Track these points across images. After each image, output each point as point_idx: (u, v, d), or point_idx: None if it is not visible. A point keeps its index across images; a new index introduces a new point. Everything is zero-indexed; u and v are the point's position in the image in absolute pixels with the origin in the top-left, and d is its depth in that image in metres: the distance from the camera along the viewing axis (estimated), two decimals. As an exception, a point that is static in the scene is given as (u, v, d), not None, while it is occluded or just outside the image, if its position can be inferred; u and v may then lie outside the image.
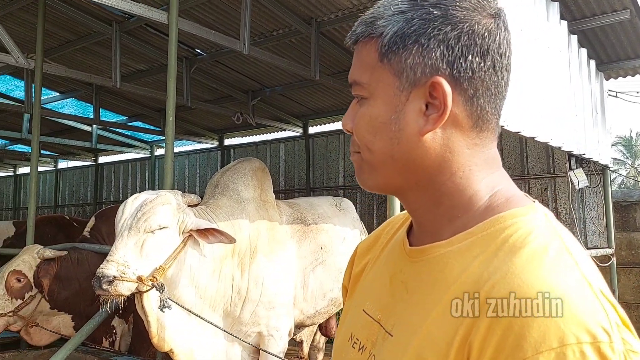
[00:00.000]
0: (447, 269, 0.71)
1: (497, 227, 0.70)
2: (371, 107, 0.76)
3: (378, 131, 0.76)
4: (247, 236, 3.51)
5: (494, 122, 0.77)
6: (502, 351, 0.59)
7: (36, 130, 5.38)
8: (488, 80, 0.74)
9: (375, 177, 0.79)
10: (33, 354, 4.60)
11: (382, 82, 0.75)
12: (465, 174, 0.75)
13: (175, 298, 3.14)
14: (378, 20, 0.75)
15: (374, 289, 0.86)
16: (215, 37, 4.73)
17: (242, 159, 3.94)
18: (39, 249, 4.22)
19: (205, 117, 9.38)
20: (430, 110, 0.73)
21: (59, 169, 13.75)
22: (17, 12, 6.24)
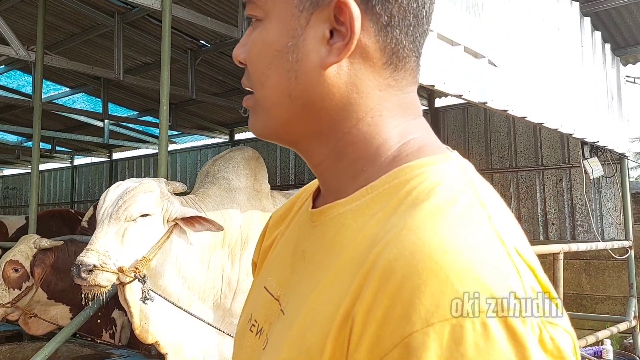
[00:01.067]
0: (343, 231, 0.58)
1: (402, 179, 0.56)
2: (265, 30, 0.61)
3: (273, 61, 0.61)
4: (237, 226, 3.40)
5: (413, 61, 0.63)
6: (388, 324, 0.46)
7: (37, 122, 5.34)
8: (406, 5, 0.59)
9: (270, 121, 0.64)
10: (31, 346, 4.57)
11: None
12: (375, 120, 0.61)
13: (161, 289, 3.05)
14: None
15: (277, 262, 0.72)
16: (212, 25, 4.63)
17: (235, 148, 3.83)
18: (35, 239, 4.19)
19: (216, 112, 9.31)
20: (335, 39, 0.59)
21: (75, 166, 13.88)
22: (20, 5, 6.24)
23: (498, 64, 3.60)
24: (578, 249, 4.69)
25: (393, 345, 0.45)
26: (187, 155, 11.07)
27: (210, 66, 7.29)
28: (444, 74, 3.16)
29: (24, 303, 4.15)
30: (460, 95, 3.31)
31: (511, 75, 3.70)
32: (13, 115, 10.41)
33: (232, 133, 10.23)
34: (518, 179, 6.70)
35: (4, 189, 16.02)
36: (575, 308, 6.37)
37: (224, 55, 6.93)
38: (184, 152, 11.13)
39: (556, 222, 6.38)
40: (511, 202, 6.68)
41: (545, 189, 6.48)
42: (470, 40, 3.32)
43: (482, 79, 3.46)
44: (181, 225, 2.98)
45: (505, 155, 6.82)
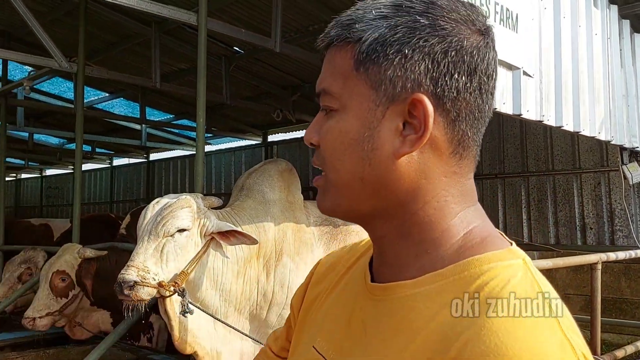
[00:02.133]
0: (413, 314, 0.62)
1: (472, 272, 0.61)
2: (342, 120, 0.67)
3: (348, 148, 0.67)
4: (272, 238, 3.47)
5: (474, 150, 0.69)
6: None
7: (79, 130, 5.55)
8: (473, 102, 0.66)
9: (339, 200, 0.70)
10: (76, 350, 4.77)
11: (356, 93, 0.67)
12: (440, 204, 0.67)
13: (199, 301, 3.15)
14: (357, 23, 0.66)
15: (328, 324, 0.77)
16: (246, 36, 4.71)
17: (268, 160, 3.90)
18: (79, 249, 4.36)
19: (249, 114, 9.44)
20: (407, 130, 0.65)
21: (113, 166, 14.28)
22: (63, 18, 6.47)
23: (533, 74, 3.56)
24: (617, 258, 4.59)
25: None
26: (222, 157, 11.26)
27: (244, 71, 7.40)
28: (478, 88, 3.16)
29: (70, 311, 4.34)
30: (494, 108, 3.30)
31: (546, 85, 3.66)
32: (55, 119, 10.80)
33: (265, 135, 10.36)
34: (555, 182, 6.59)
35: (46, 189, 16.61)
36: (615, 313, 6.24)
37: (257, 60, 7.03)
38: (219, 153, 11.33)
39: (594, 227, 6.25)
40: (548, 205, 6.58)
41: (583, 193, 6.36)
42: (504, 52, 3.29)
43: (517, 90, 3.43)
44: (217, 239, 3.07)
45: (541, 158, 6.71)
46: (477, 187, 3.04)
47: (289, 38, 5.93)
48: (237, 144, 11.26)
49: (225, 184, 10.99)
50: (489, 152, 7.11)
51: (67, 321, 4.35)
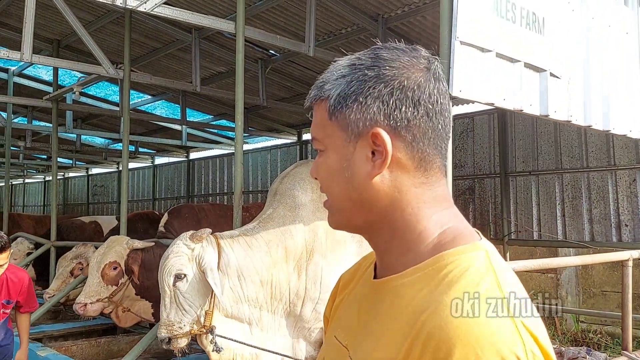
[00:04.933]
0: (399, 300, 0.81)
1: (441, 264, 0.78)
2: (327, 157, 0.87)
3: (334, 178, 0.86)
4: (301, 240, 3.65)
5: (438, 162, 0.86)
6: None
7: (126, 132, 5.88)
8: (424, 126, 0.82)
9: (340, 217, 0.90)
10: (125, 339, 5.10)
11: (332, 136, 0.86)
12: (414, 210, 0.84)
13: (232, 316, 3.42)
14: (326, 84, 0.86)
15: (345, 318, 0.97)
16: (280, 42, 4.92)
17: (300, 162, 4.06)
18: (128, 240, 4.68)
19: (284, 114, 9.68)
20: (376, 157, 0.82)
21: (155, 165, 14.80)
22: (109, 25, 6.83)
23: (560, 76, 3.63)
24: (648, 255, 4.59)
25: None
26: (258, 155, 11.55)
27: (279, 73, 7.62)
28: (503, 91, 3.26)
29: (118, 298, 4.66)
30: (520, 110, 3.40)
31: (575, 85, 3.71)
32: (101, 121, 11.32)
33: (300, 134, 10.58)
34: (589, 179, 6.56)
35: (92, 187, 17.33)
36: (652, 311, 6.19)
37: (292, 63, 7.24)
38: (255, 152, 11.62)
39: (629, 224, 6.21)
40: (582, 202, 6.56)
41: (618, 190, 6.32)
42: (530, 55, 3.38)
43: (544, 91, 3.51)
44: (209, 276, 3.24)
45: (575, 155, 6.69)
46: (510, 183, 3.23)
47: (322, 41, 6.10)
48: (272, 142, 11.53)
49: (261, 182, 11.28)
50: (522, 150, 7.13)
51: (114, 308, 4.65)
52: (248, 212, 5.47)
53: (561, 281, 7.73)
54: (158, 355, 4.55)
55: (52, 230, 7.00)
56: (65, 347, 4.80)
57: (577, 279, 7.60)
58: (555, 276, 7.76)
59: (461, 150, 7.64)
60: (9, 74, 9.10)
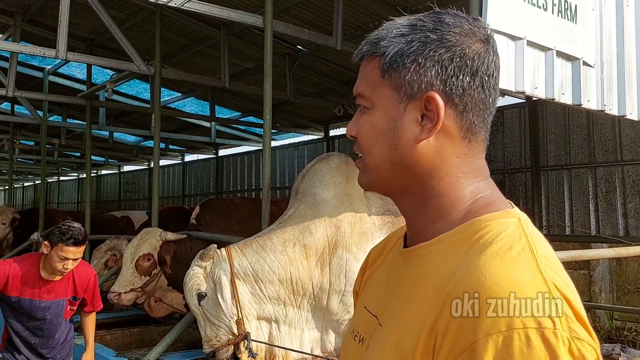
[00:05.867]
0: (428, 267, 0.81)
1: (472, 230, 0.78)
2: (372, 116, 0.86)
3: (378, 138, 0.85)
4: (321, 236, 3.67)
5: (483, 135, 0.86)
6: (460, 335, 0.69)
7: (157, 129, 5.98)
8: (477, 97, 0.82)
9: (374, 178, 0.89)
10: (157, 329, 5.21)
11: (382, 95, 0.84)
12: (452, 180, 0.84)
13: (259, 318, 3.53)
14: (382, 41, 0.84)
15: (374, 289, 0.97)
16: (308, 36, 4.94)
17: (319, 159, 4.02)
18: (161, 232, 4.78)
19: (311, 110, 9.71)
20: (425, 121, 0.82)
21: (185, 162, 15.03)
22: (140, 24, 6.97)
23: (594, 64, 3.56)
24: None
25: (463, 349, 0.68)
26: (286, 152, 11.62)
27: (307, 69, 7.65)
28: (535, 79, 3.22)
29: (150, 288, 4.75)
30: (552, 99, 3.35)
31: (608, 74, 3.64)
32: (132, 118, 11.54)
33: (327, 130, 10.60)
34: (623, 173, 6.40)
35: (124, 184, 17.69)
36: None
37: (319, 58, 7.26)
38: (283, 148, 11.69)
39: (666, 219, 6.05)
40: (616, 197, 6.41)
41: (655, 184, 6.16)
42: (563, 43, 3.33)
43: (577, 80, 3.45)
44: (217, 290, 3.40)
45: (609, 148, 6.53)
46: (541, 178, 3.23)
47: (350, 35, 6.11)
48: (300, 139, 11.57)
49: (289, 178, 11.34)
50: (554, 143, 6.99)
51: (147, 298, 4.75)
52: (277, 205, 5.52)
53: (594, 278, 7.56)
54: (189, 345, 4.63)
55: (86, 225, 7.17)
56: (99, 336, 4.91)
57: (610, 276, 7.42)
58: (588, 273, 7.60)
59: (491, 144, 7.49)
60: (44, 72, 9.36)
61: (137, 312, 5.65)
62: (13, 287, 3.05)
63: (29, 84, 9.60)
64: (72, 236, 2.94)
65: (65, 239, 2.93)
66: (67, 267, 3.02)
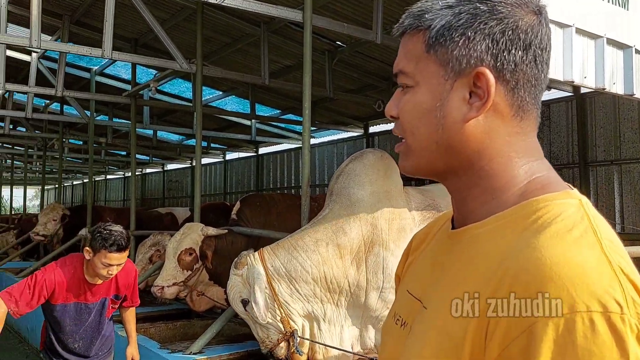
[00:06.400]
0: (480, 248, 0.76)
1: (529, 210, 0.73)
2: (416, 94, 0.80)
3: (423, 117, 0.80)
4: (356, 236, 3.65)
5: (534, 112, 0.81)
6: (517, 316, 0.65)
7: (199, 127, 6.07)
8: (529, 72, 0.77)
9: (418, 161, 0.83)
10: (199, 323, 5.29)
11: (427, 71, 0.79)
12: (504, 159, 0.79)
13: (299, 315, 3.56)
14: (426, 13, 0.79)
15: (417, 273, 0.93)
16: (348, 30, 4.91)
17: (352, 157, 3.97)
18: (202, 227, 4.85)
19: (350, 106, 9.67)
20: (473, 99, 0.77)
21: (226, 160, 15.25)
22: (182, 23, 7.09)
23: (648, 52, 3.40)
24: None
25: (521, 332, 0.63)
26: (325, 149, 11.62)
27: (346, 65, 7.62)
28: (584, 68, 3.10)
29: (192, 282, 4.82)
30: (602, 89, 3.22)
31: (664, 62, 3.47)
32: (175, 117, 11.78)
33: (366, 126, 10.53)
34: (679, 168, 6.11)
35: (167, 182, 18.10)
36: None
37: (359, 54, 7.21)
38: (322, 146, 11.69)
39: None
40: (671, 193, 6.12)
41: None
42: (613, 30, 3.20)
43: (629, 69, 3.31)
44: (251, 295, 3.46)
45: (663, 142, 6.25)
46: (590, 174, 3.13)
47: (390, 29, 6.04)
48: (338, 136, 11.55)
49: (327, 175, 11.33)
50: (603, 138, 6.74)
51: (189, 292, 4.83)
52: (316, 202, 5.50)
53: (647, 278, 7.26)
54: (231, 339, 4.68)
55: (132, 221, 7.37)
56: (143, 328, 5.03)
57: (665, 276, 7.10)
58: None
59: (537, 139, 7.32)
60: (91, 73, 9.67)
61: (180, 306, 5.75)
62: (59, 296, 2.97)
63: (77, 84, 9.93)
64: (114, 242, 2.80)
65: (108, 246, 2.79)
66: (112, 273, 2.92)
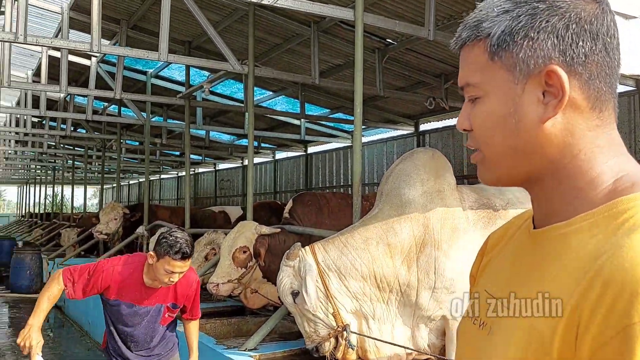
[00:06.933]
0: (567, 247, 0.74)
1: (618, 209, 0.71)
2: (487, 104, 0.80)
3: (497, 126, 0.79)
4: (407, 236, 3.61)
5: (612, 102, 0.78)
6: (611, 318, 0.63)
7: (251, 127, 6.18)
8: (601, 62, 0.75)
9: (497, 171, 0.83)
10: (253, 320, 5.38)
11: (495, 79, 0.79)
12: (588, 156, 0.77)
13: (350, 312, 3.55)
14: (483, 22, 0.79)
15: (496, 272, 0.91)
16: (399, 27, 4.86)
17: (403, 157, 3.92)
18: (256, 226, 4.93)
19: (400, 104, 9.59)
20: (548, 98, 0.76)
21: (276, 160, 15.43)
22: (234, 25, 7.22)
23: None
24: None
25: (615, 333, 0.61)
26: (374, 148, 11.56)
27: (397, 62, 7.56)
28: (652, 61, 2.96)
29: (246, 280, 4.91)
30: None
31: None
32: (227, 118, 12.02)
33: (417, 124, 10.41)
34: None
35: (219, 181, 18.49)
36: None
37: (410, 51, 7.14)
38: (371, 144, 11.64)
39: None
40: None
41: None
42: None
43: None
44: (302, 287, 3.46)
45: None
46: None
47: (442, 26, 5.94)
48: (388, 134, 11.46)
49: (377, 174, 11.28)
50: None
51: (243, 289, 4.91)
52: (368, 201, 5.49)
53: None
54: (284, 336, 4.73)
55: (186, 219, 7.57)
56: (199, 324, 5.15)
57: None
58: None
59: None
60: (147, 76, 9.99)
61: (235, 303, 5.87)
62: (113, 291, 2.97)
63: (134, 87, 10.29)
64: (179, 250, 2.76)
65: (173, 253, 2.75)
66: (173, 280, 2.88)
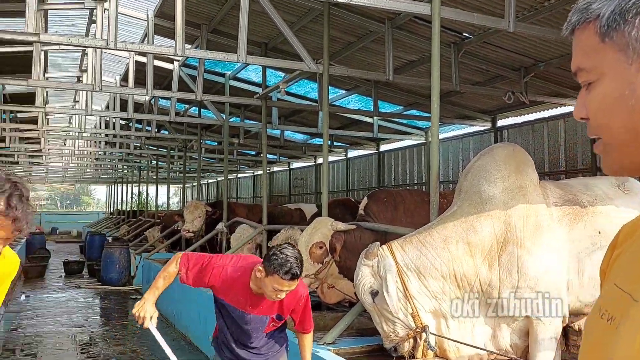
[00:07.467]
0: None
1: None
2: (601, 87, 0.78)
3: (614, 109, 0.76)
4: (488, 235, 3.54)
5: None
6: None
7: (325, 125, 6.26)
8: None
9: (620, 159, 0.80)
10: (330, 315, 5.45)
11: (607, 60, 0.77)
12: None
13: (428, 311, 3.53)
14: (592, 4, 0.78)
15: (628, 265, 0.88)
16: (478, 20, 4.75)
17: (482, 153, 3.84)
18: (332, 222, 5.00)
19: (476, 99, 9.34)
20: None
21: (348, 158, 15.49)
22: (309, 25, 7.33)
23: None
24: None
25: None
26: (449, 144, 11.33)
27: (473, 56, 7.38)
28: None
29: (322, 275, 4.98)
30: None
31: None
32: (300, 117, 12.22)
33: (494, 120, 10.09)
34: None
35: (293, 180, 18.83)
36: None
37: (487, 45, 6.95)
38: (446, 141, 11.41)
39: None
40: None
41: None
42: None
43: None
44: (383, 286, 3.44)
45: None
46: None
47: (522, 17, 5.74)
48: (464, 130, 11.19)
49: (452, 171, 11.05)
50: None
51: (320, 284, 4.99)
52: (445, 198, 5.40)
53: None
54: (360, 332, 4.76)
55: (264, 217, 7.78)
56: (277, 318, 5.30)
57: None
58: None
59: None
60: (225, 78, 10.35)
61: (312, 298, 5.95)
62: (220, 291, 2.97)
63: (213, 89, 10.69)
64: (289, 271, 2.67)
65: (283, 273, 2.67)
66: (280, 297, 2.81)
